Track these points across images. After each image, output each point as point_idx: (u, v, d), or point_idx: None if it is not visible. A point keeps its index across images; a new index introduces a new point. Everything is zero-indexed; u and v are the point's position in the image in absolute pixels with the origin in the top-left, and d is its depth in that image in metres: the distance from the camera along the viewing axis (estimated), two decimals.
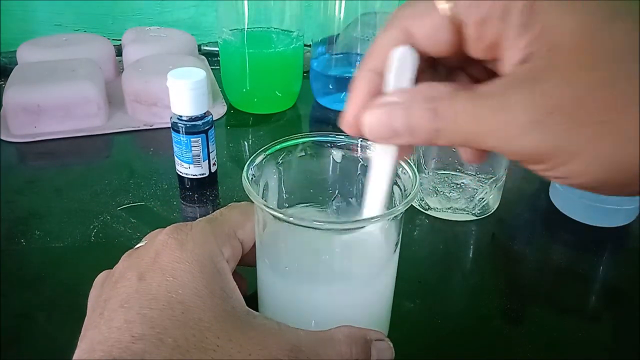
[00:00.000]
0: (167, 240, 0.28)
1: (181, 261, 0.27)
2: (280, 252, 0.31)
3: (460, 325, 0.38)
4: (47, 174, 0.55)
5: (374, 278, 0.31)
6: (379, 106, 0.23)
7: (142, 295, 0.25)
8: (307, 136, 0.33)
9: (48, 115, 0.60)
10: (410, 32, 0.22)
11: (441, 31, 0.22)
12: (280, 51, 0.66)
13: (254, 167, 0.30)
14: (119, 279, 0.27)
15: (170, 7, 0.89)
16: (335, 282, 0.30)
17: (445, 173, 0.49)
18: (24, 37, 0.73)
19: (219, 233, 0.29)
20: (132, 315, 0.24)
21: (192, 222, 0.30)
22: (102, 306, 0.26)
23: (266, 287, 0.32)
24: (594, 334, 0.38)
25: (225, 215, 0.31)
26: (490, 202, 0.49)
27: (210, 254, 0.28)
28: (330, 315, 0.30)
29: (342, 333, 0.26)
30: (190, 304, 0.25)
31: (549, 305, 0.40)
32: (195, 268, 0.26)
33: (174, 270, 0.26)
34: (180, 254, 0.27)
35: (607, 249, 0.46)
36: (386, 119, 0.22)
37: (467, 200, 0.48)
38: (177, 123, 0.48)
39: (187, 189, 0.51)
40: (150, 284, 0.26)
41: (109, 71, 0.72)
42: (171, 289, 0.25)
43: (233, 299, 0.26)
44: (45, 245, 0.44)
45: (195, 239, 0.28)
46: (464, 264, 0.45)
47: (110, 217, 0.47)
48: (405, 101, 0.22)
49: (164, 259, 0.27)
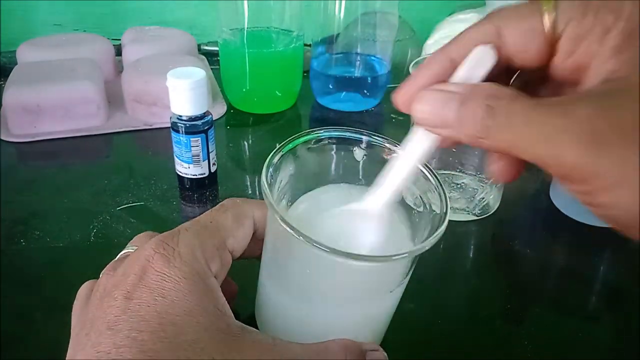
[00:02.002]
0: (153, 255, 0.26)
1: (169, 279, 0.25)
2: (290, 266, 0.30)
3: (461, 325, 0.38)
4: (47, 174, 0.55)
5: (382, 300, 0.30)
6: (437, 91, 0.22)
7: (130, 317, 0.24)
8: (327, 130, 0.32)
9: (48, 115, 0.60)
10: (502, 32, 0.22)
11: (534, 38, 0.21)
12: (280, 51, 0.66)
13: (272, 168, 0.29)
14: (104, 297, 0.25)
15: (170, 6, 0.89)
16: (344, 304, 0.30)
17: (445, 173, 0.49)
18: (23, 36, 0.73)
19: (207, 247, 0.28)
20: (121, 339, 0.23)
21: (179, 233, 0.28)
22: (88, 326, 0.24)
23: (267, 296, 0.31)
24: (594, 334, 0.38)
25: (216, 222, 0.30)
26: (491, 202, 0.49)
27: (198, 271, 0.26)
28: (331, 332, 0.29)
29: (337, 344, 0.26)
30: (183, 325, 0.24)
31: (549, 305, 0.40)
32: (184, 286, 0.25)
33: (162, 289, 0.25)
34: (168, 271, 0.25)
35: (607, 249, 0.46)
36: (440, 105, 0.22)
37: (467, 201, 0.48)
38: (176, 123, 0.48)
39: (187, 189, 0.51)
40: (139, 304, 0.24)
41: (108, 71, 0.72)
42: (161, 309, 0.24)
43: (227, 315, 0.25)
44: (45, 245, 0.44)
45: (182, 255, 0.26)
46: (464, 264, 0.45)
47: (110, 217, 0.47)
48: (464, 93, 0.21)
49: (150, 276, 0.25)
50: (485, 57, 0.22)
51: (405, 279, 0.30)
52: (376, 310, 0.31)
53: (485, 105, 0.20)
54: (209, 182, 0.51)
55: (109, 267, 0.29)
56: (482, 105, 0.20)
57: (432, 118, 0.22)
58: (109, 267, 0.29)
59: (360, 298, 0.30)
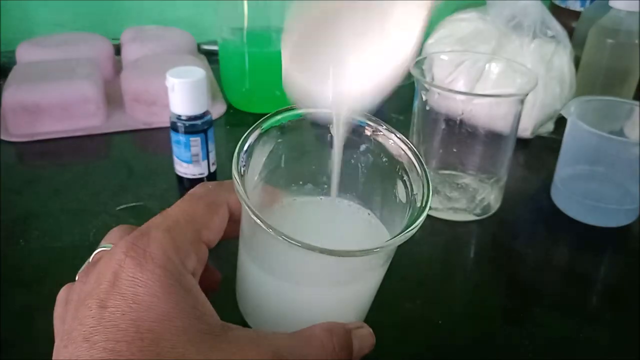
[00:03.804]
0: (124, 260, 0.25)
1: (142, 284, 0.24)
2: (267, 250, 0.30)
3: (461, 325, 0.38)
4: (46, 174, 0.55)
5: (362, 280, 0.30)
6: None
7: (105, 327, 0.23)
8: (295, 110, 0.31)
9: (47, 114, 0.59)
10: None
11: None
12: (280, 50, 0.65)
13: (244, 154, 0.28)
14: (79, 306, 0.25)
15: (170, 5, 0.89)
16: (322, 284, 0.29)
17: (446, 173, 0.49)
18: (23, 36, 0.73)
19: (180, 243, 0.27)
20: (98, 351, 0.22)
21: (149, 232, 0.27)
22: (66, 338, 0.24)
23: (248, 279, 0.31)
24: (594, 334, 0.38)
25: (187, 214, 0.28)
26: (492, 202, 0.49)
27: (173, 272, 0.25)
28: (315, 314, 0.29)
29: (320, 327, 0.26)
30: (161, 331, 0.23)
31: (549, 305, 0.40)
32: (159, 290, 0.24)
33: (136, 296, 0.24)
34: (141, 276, 0.24)
35: (607, 249, 0.46)
36: None
37: (468, 200, 0.48)
38: (176, 122, 0.48)
39: (186, 189, 0.51)
40: (114, 312, 0.23)
41: (107, 70, 0.72)
42: (136, 316, 0.23)
43: (206, 315, 0.25)
44: (44, 245, 0.44)
45: (154, 257, 0.25)
46: (464, 264, 0.45)
47: (109, 217, 0.47)
48: None
49: (123, 282, 0.24)
50: None
51: (385, 263, 0.30)
52: (354, 294, 0.30)
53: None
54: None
55: (82, 271, 0.28)
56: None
57: None
58: (82, 271, 0.28)
59: (337, 282, 0.29)
